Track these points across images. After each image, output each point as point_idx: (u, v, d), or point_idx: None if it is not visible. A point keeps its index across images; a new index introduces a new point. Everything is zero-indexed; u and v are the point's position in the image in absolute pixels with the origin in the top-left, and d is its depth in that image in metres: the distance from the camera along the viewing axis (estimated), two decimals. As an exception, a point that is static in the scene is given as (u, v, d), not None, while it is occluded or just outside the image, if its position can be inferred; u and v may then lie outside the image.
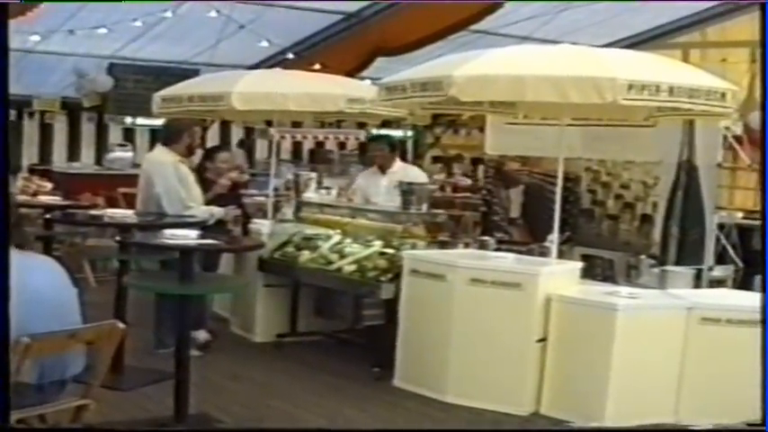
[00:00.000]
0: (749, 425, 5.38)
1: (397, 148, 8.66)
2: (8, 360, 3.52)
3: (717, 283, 7.31)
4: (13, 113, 12.53)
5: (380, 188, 8.25)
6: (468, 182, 13.07)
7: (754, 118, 8.15)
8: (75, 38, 11.28)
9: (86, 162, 13.70)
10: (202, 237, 5.57)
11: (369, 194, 8.30)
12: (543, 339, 6.00)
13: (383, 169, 8.44)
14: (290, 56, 12.71)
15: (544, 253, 6.59)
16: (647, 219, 7.39)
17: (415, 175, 8.33)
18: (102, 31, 11.05)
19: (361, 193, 8.39)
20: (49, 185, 10.23)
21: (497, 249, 7.12)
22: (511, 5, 11.25)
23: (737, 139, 8.31)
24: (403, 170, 8.43)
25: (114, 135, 13.96)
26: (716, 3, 12.92)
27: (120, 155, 13.37)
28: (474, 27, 11.71)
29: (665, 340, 5.84)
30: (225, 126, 14.24)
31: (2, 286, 3.33)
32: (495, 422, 5.81)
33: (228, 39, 11.71)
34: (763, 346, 4.24)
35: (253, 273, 7.63)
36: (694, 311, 5.86)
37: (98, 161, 13.75)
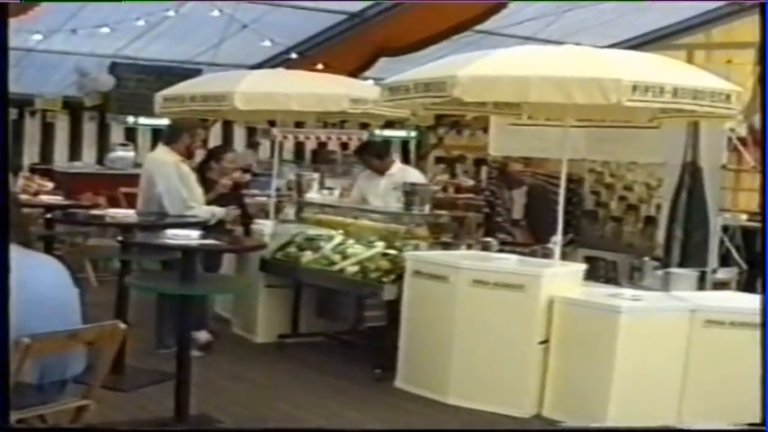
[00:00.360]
0: (749, 425, 5.37)
1: (385, 155, 8.61)
2: (8, 360, 3.50)
3: (721, 285, 7.25)
4: (14, 112, 12.49)
5: (379, 189, 8.22)
6: (471, 183, 13.04)
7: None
8: (78, 37, 11.25)
9: (88, 161, 13.65)
10: (204, 237, 5.56)
11: (367, 195, 8.29)
12: (546, 341, 5.98)
13: (381, 171, 8.42)
14: (293, 56, 12.68)
15: (547, 254, 6.56)
16: (650, 220, 7.35)
17: (414, 176, 8.30)
18: (105, 30, 11.03)
19: (360, 195, 8.38)
20: (50, 185, 10.22)
21: (500, 251, 7.08)
22: (515, 6, 11.24)
23: (742, 140, 8.25)
24: (402, 171, 8.39)
25: (116, 134, 13.91)
26: (721, 3, 12.89)
27: (121, 154, 13.35)
28: (478, 27, 11.69)
29: (668, 342, 5.82)
30: (227, 126, 14.22)
31: (2, 286, 3.31)
32: (496, 424, 5.79)
33: (231, 38, 11.69)
34: (762, 347, 4.21)
35: (255, 273, 7.62)
36: (698, 314, 5.84)
37: (100, 161, 13.72)
